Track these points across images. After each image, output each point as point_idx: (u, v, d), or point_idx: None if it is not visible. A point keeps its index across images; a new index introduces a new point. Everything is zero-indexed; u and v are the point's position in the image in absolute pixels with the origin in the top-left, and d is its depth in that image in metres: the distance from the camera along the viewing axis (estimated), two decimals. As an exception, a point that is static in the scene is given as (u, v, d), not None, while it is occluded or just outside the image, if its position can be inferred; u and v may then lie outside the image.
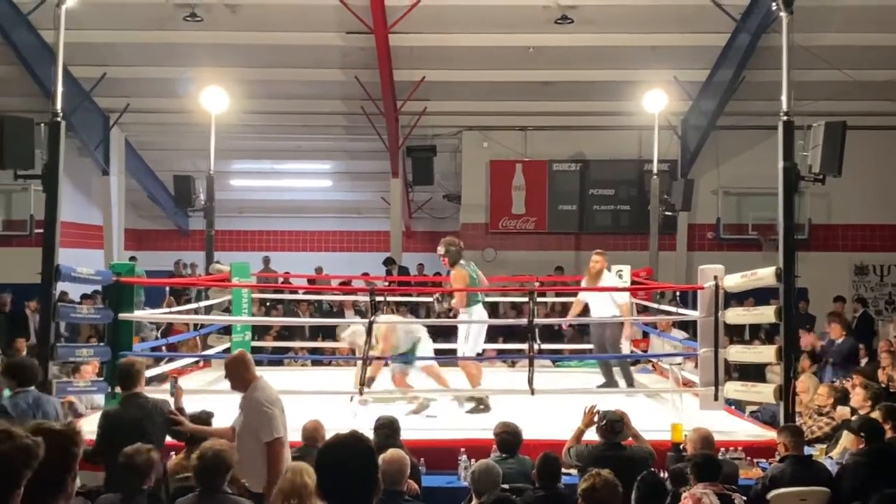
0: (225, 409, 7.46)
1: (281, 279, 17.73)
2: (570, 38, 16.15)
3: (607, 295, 10.40)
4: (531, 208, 19.30)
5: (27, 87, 16.14)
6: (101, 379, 8.64)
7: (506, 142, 19.20)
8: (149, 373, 9.94)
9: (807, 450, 7.13)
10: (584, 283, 10.80)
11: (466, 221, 19.73)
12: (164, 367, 10.45)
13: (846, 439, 7.76)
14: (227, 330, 12.15)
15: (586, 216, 19.35)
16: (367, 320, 8.98)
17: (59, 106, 8.07)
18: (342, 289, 16.14)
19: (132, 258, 17.23)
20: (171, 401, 6.42)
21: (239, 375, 6.11)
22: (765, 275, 8.40)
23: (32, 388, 6.47)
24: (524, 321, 9.57)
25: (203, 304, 12.15)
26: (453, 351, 9.98)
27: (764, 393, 8.51)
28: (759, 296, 11.09)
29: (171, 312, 12.10)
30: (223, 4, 15.51)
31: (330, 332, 14.73)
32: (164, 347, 11.25)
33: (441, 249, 9.71)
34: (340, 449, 2.92)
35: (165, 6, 15.37)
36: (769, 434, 8.00)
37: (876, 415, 7.25)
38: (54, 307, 7.88)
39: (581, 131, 18.96)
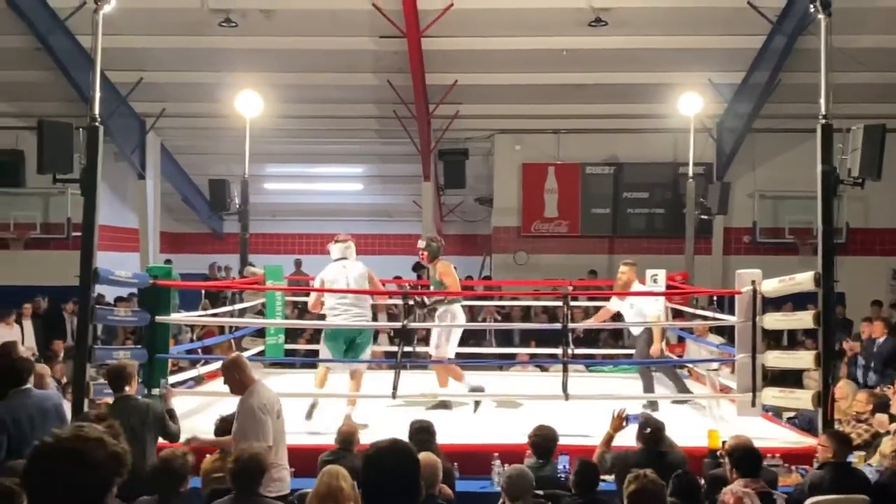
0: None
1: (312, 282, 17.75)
2: (603, 41, 16.07)
3: (637, 308, 10.11)
4: (564, 212, 19.22)
5: (65, 92, 16.35)
6: (140, 381, 8.68)
7: (538, 145, 19.15)
8: (184, 375, 10.07)
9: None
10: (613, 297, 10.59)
11: (498, 225, 19.68)
12: (199, 370, 10.52)
13: (885, 446, 7.65)
14: (260, 333, 12.22)
15: (620, 219, 19.23)
16: (399, 324, 8.96)
17: (96, 111, 8.14)
18: (374, 292, 16.14)
19: (167, 261, 17.40)
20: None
21: (234, 379, 6.17)
22: (803, 279, 8.30)
23: (29, 385, 6.40)
24: (557, 326, 9.56)
25: (237, 307, 12.22)
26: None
27: (802, 399, 8.41)
28: (796, 301, 10.97)
29: (205, 315, 12.17)
30: (258, 10, 15.60)
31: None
32: (199, 350, 11.32)
33: (421, 244, 9.75)
34: (386, 456, 2.91)
35: (201, 11, 15.49)
36: (807, 440, 7.91)
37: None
38: (92, 309, 7.95)
39: (615, 134, 18.86)
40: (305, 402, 9.06)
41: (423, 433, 6.58)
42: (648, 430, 6.61)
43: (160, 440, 6.63)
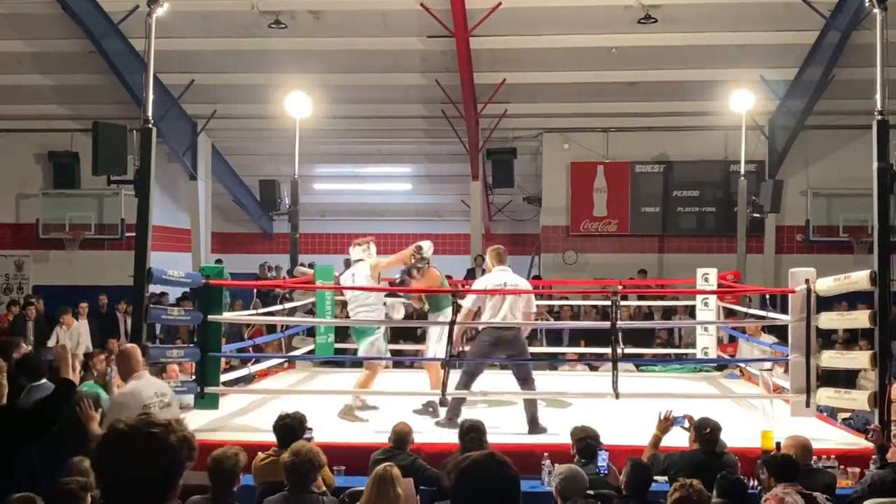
0: (313, 408, 7.56)
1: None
2: (653, 38, 15.92)
3: None
4: (613, 210, 19.08)
5: (118, 95, 16.63)
6: (192, 379, 8.81)
7: (587, 143, 19.04)
8: (236, 374, 10.19)
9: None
10: None
11: (547, 224, 19.62)
12: (250, 368, 10.63)
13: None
14: (311, 332, 12.31)
15: (670, 218, 19.04)
16: (447, 322, 8.94)
17: (149, 113, 8.26)
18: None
19: (218, 261, 17.60)
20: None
21: (120, 366, 6.51)
22: (858, 278, 8.14)
23: (44, 381, 6.57)
24: (607, 324, 9.49)
25: (287, 306, 12.34)
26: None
27: (858, 400, 8.26)
28: (850, 300, 10.77)
29: (257, 314, 12.30)
30: (307, 11, 15.73)
31: (410, 334, 14.81)
32: (250, 349, 11.45)
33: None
34: (483, 476, 2.62)
35: (251, 14, 15.65)
36: (863, 442, 7.76)
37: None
38: (146, 309, 8.07)
39: (664, 132, 18.69)
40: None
41: (473, 432, 6.58)
42: (707, 430, 6.56)
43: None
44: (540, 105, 18.16)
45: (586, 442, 6.54)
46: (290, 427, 6.36)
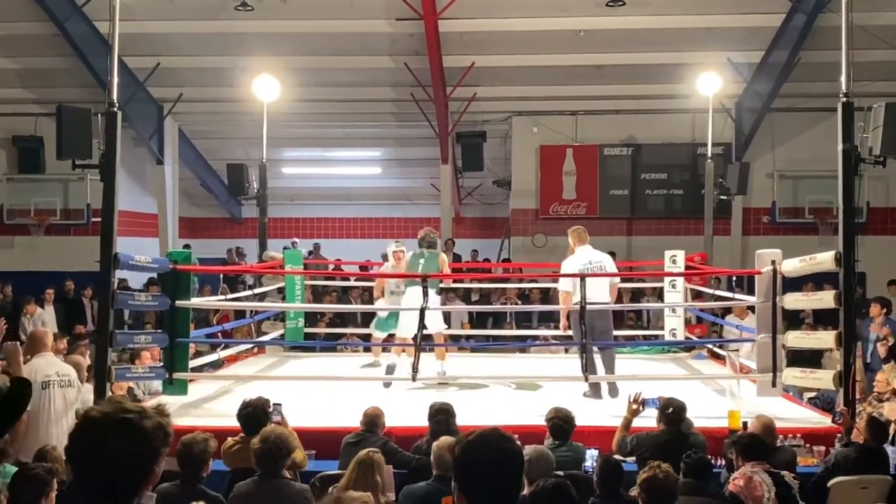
0: (279, 395, 7.55)
1: (331, 266, 17.84)
2: (621, 21, 15.97)
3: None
4: (582, 193, 19.15)
5: (83, 78, 16.42)
6: (160, 365, 8.76)
7: (556, 127, 19.06)
8: (205, 359, 10.14)
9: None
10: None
11: (517, 207, 19.66)
12: (220, 354, 10.59)
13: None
14: (280, 317, 12.28)
15: (638, 201, 19.15)
16: (419, 307, 8.96)
17: (114, 96, 8.16)
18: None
19: (186, 246, 17.48)
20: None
21: (28, 346, 6.91)
22: (824, 259, 8.24)
23: None
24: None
25: (256, 291, 12.28)
26: None
27: (823, 379, 8.37)
28: (816, 281, 10.90)
29: (226, 300, 12.24)
30: (274, -7, 15.61)
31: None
32: (219, 334, 11.39)
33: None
34: (488, 449, 2.63)
35: (217, -4, 15.51)
36: (828, 421, 7.87)
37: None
38: (113, 294, 7.99)
39: (632, 115, 18.76)
40: (325, 385, 9.15)
41: (441, 414, 6.62)
42: (671, 409, 6.62)
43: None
44: (509, 88, 18.15)
45: (554, 422, 6.58)
46: (253, 415, 6.33)
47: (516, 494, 2.66)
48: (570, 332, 9.46)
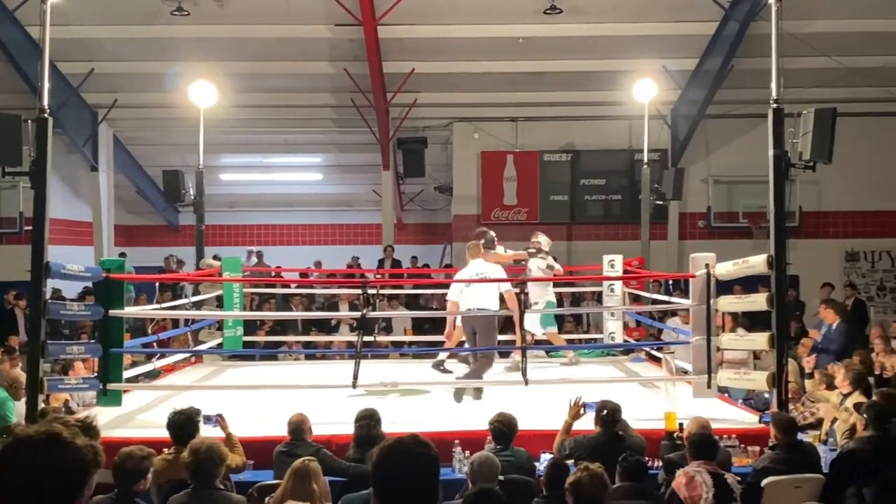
0: (218, 405, 7.45)
1: (273, 273, 17.68)
2: (559, 29, 16.10)
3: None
4: (523, 199, 19.26)
5: (14, 84, 16.05)
6: (94, 376, 8.59)
7: (497, 133, 19.16)
8: (140, 369, 9.96)
9: (801, 436, 7.14)
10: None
11: (458, 213, 19.69)
12: (155, 364, 10.41)
13: (839, 426, 7.80)
14: (219, 325, 12.12)
15: (578, 206, 19.32)
16: (359, 313, 8.94)
17: (45, 102, 7.99)
18: (334, 282, 16.14)
19: (122, 254, 17.17)
20: None
21: None
22: (756, 262, 8.39)
23: None
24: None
25: (194, 299, 12.11)
26: None
27: (757, 381, 8.52)
28: (747, 284, 11.08)
29: (162, 308, 12.04)
30: (210, -2, 15.43)
31: (323, 326, 14.73)
32: (155, 343, 11.19)
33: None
34: (403, 455, 2.63)
35: (152, 1, 15.26)
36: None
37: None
38: (44, 305, 7.82)
39: (571, 122, 18.94)
40: (265, 394, 9.05)
41: (366, 419, 6.64)
42: (605, 411, 6.68)
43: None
44: (450, 95, 18.20)
45: (496, 426, 6.60)
46: (181, 424, 6.24)
47: (431, 501, 2.65)
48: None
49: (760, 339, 8.44)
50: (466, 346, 9.89)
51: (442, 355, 10.18)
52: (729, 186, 19.04)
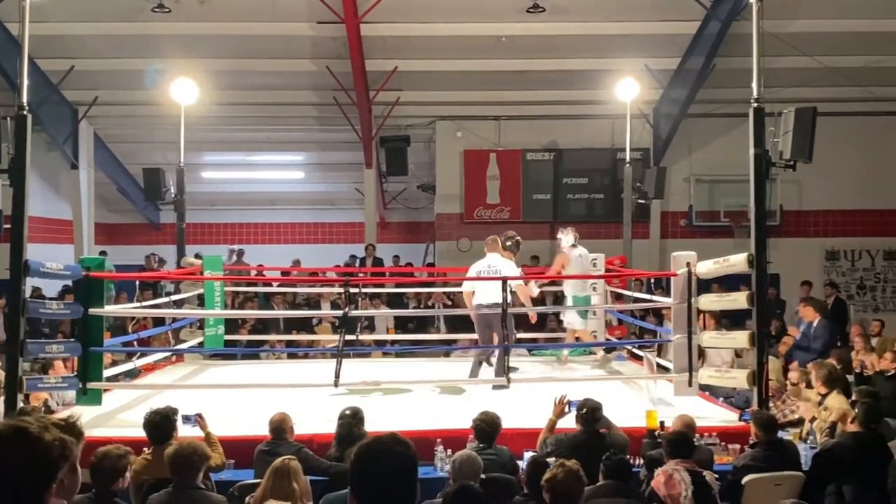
0: (199, 404, 7.42)
1: (254, 272, 17.61)
2: (541, 27, 16.13)
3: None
4: (505, 198, 19.28)
5: (-6, 81, 15.92)
6: (74, 375, 8.53)
7: (479, 131, 19.16)
8: (121, 368, 9.90)
9: (781, 434, 7.18)
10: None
11: (441, 211, 19.68)
12: (136, 363, 10.35)
13: (819, 424, 7.85)
14: (200, 324, 12.07)
15: (560, 205, 19.36)
16: (342, 311, 8.92)
17: (24, 99, 7.93)
18: (316, 280, 16.08)
19: (102, 253, 17.05)
20: None
21: None
22: (737, 261, 8.43)
23: None
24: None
25: (175, 297, 12.05)
26: None
27: (738, 379, 8.55)
28: (728, 282, 11.12)
29: (143, 307, 11.96)
30: (192, -5, 15.35)
31: (305, 325, 14.69)
32: (135, 342, 11.13)
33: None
34: (381, 454, 2.61)
35: (133, -3, 15.19)
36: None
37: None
38: (23, 303, 7.76)
39: (554, 120, 18.96)
40: (246, 393, 9.01)
41: (348, 418, 6.63)
42: (585, 410, 6.69)
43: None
44: (433, 93, 18.17)
45: (479, 425, 6.59)
46: (157, 424, 6.23)
47: (409, 500, 2.63)
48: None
49: (741, 338, 8.48)
50: (479, 340, 10.14)
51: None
52: (710, 185, 19.13)
